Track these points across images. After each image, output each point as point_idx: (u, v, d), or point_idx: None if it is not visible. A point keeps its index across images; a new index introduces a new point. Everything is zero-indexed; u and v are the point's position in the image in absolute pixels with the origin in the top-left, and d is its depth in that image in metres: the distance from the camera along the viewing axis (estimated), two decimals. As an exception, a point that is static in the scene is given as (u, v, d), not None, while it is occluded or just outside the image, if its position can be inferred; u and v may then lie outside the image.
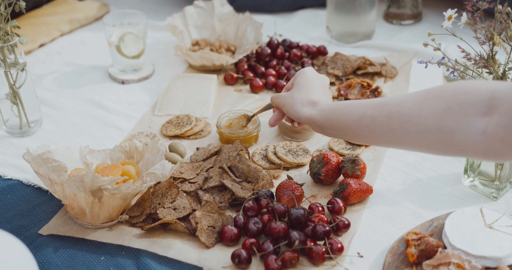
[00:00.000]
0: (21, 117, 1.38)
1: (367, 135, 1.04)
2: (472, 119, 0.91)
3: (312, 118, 1.12)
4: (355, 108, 1.06)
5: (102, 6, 1.89)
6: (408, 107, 0.98)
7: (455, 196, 1.22)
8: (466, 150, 0.94)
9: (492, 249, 1.04)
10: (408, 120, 0.98)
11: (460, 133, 0.93)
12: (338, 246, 1.09)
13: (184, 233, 1.14)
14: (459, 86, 0.95)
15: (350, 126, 1.06)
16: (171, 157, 1.28)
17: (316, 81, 1.19)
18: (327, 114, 1.10)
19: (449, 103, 0.94)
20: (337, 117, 1.08)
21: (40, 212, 1.20)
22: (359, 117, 1.04)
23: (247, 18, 1.67)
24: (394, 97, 1.03)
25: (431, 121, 0.95)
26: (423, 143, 0.98)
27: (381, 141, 1.03)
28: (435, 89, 0.97)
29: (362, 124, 1.04)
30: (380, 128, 1.01)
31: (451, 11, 1.18)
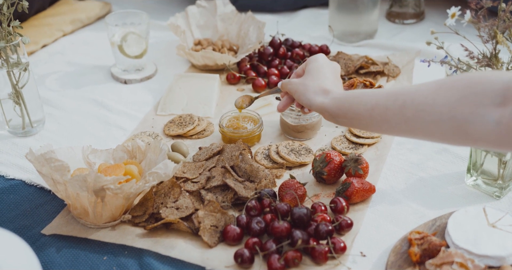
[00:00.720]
0: (24, 117, 1.38)
1: (380, 124, 1.04)
2: (486, 110, 0.91)
3: (324, 107, 1.12)
4: (368, 97, 1.05)
5: (104, 6, 1.89)
6: (422, 96, 0.98)
7: (458, 195, 1.22)
8: (479, 140, 0.93)
9: (495, 248, 1.04)
10: (422, 109, 0.97)
11: (474, 123, 0.92)
12: (340, 245, 1.09)
13: (187, 233, 1.14)
14: (474, 77, 0.94)
15: (363, 115, 1.05)
16: (174, 157, 1.28)
17: (327, 68, 1.19)
18: (339, 103, 1.10)
19: (463, 93, 0.93)
20: (349, 106, 1.08)
21: (43, 212, 1.21)
22: (372, 106, 1.04)
23: (250, 18, 1.67)
24: (407, 86, 1.02)
25: (446, 111, 0.95)
26: (436, 133, 0.97)
27: (394, 130, 1.03)
28: (450, 79, 0.96)
29: (375, 113, 1.03)
30: (394, 117, 1.01)
31: (454, 9, 1.18)
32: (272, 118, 1.44)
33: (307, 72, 1.20)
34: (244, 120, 1.37)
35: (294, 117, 1.35)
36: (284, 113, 1.36)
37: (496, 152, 1.17)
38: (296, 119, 1.35)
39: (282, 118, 1.37)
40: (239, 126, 1.36)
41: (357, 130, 1.36)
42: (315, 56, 1.22)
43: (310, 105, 1.15)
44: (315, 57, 1.22)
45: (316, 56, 1.22)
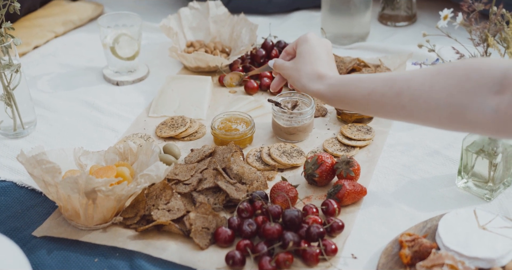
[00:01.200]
0: (15, 119, 1.38)
1: (377, 110, 1.04)
2: (484, 97, 0.91)
3: (321, 93, 1.11)
4: (364, 83, 1.05)
5: (97, 8, 1.89)
6: (419, 83, 0.98)
7: (449, 197, 1.22)
8: (477, 127, 0.94)
9: (486, 250, 1.05)
10: (418, 97, 0.97)
11: (471, 111, 0.93)
12: (332, 247, 1.09)
13: (178, 235, 1.14)
14: (472, 64, 0.95)
15: (359, 101, 1.05)
16: (166, 159, 1.28)
17: (319, 48, 1.17)
18: (335, 89, 1.10)
19: (461, 81, 0.93)
20: (346, 92, 1.08)
21: (34, 213, 1.20)
22: (368, 92, 1.04)
23: (242, 20, 1.67)
24: (404, 72, 1.02)
25: (443, 98, 0.95)
26: (433, 119, 0.98)
27: (392, 115, 1.03)
28: (447, 66, 0.96)
29: (371, 99, 1.03)
30: (390, 103, 1.01)
31: (447, 11, 1.19)
32: (264, 120, 1.44)
33: (298, 55, 1.18)
34: (236, 122, 1.38)
35: (286, 119, 1.35)
36: (276, 115, 1.36)
37: (487, 155, 1.17)
38: (288, 121, 1.35)
39: (274, 120, 1.38)
40: (231, 128, 1.36)
41: (348, 133, 1.37)
42: (305, 36, 1.20)
43: (306, 91, 1.14)
44: (305, 37, 1.19)
45: (306, 36, 1.20)
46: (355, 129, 1.38)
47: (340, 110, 1.42)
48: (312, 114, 1.36)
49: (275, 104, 1.36)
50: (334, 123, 1.43)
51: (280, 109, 1.36)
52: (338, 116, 1.43)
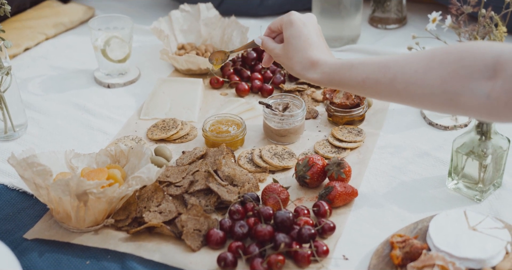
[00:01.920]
0: (6, 121, 1.38)
1: (373, 94, 1.05)
2: (477, 83, 0.93)
3: (316, 81, 1.11)
4: (358, 69, 1.05)
5: (88, 10, 1.89)
6: (413, 70, 0.99)
7: (439, 198, 1.23)
8: (470, 112, 0.96)
9: (476, 251, 1.05)
10: (413, 83, 0.98)
11: (465, 97, 0.94)
12: (323, 248, 1.09)
13: (170, 237, 1.14)
14: (465, 48, 0.96)
15: (355, 87, 1.06)
16: (157, 161, 1.28)
17: (306, 29, 1.13)
18: (330, 77, 1.09)
19: (454, 67, 0.95)
20: (340, 79, 1.08)
21: (25, 216, 1.20)
22: (362, 79, 1.04)
23: (233, 22, 1.67)
24: (397, 57, 1.02)
25: (437, 85, 0.96)
26: (428, 104, 0.99)
27: (387, 99, 1.05)
28: (441, 51, 0.97)
29: (366, 85, 1.04)
30: (385, 89, 1.02)
31: (435, 14, 1.19)
32: (255, 122, 1.44)
33: (287, 41, 1.14)
34: (227, 124, 1.38)
35: (277, 121, 1.36)
36: (267, 117, 1.37)
37: (477, 157, 1.18)
38: (279, 123, 1.36)
39: (265, 122, 1.38)
40: (222, 130, 1.36)
41: (339, 135, 1.37)
42: (289, 18, 1.14)
43: (301, 78, 1.13)
44: (290, 20, 1.13)
45: (290, 19, 1.13)
46: (346, 131, 1.39)
47: (331, 112, 1.42)
48: (303, 116, 1.37)
49: (266, 106, 1.36)
50: (325, 125, 1.44)
51: (271, 111, 1.36)
52: (329, 118, 1.44)
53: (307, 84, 1.55)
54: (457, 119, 1.41)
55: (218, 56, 1.31)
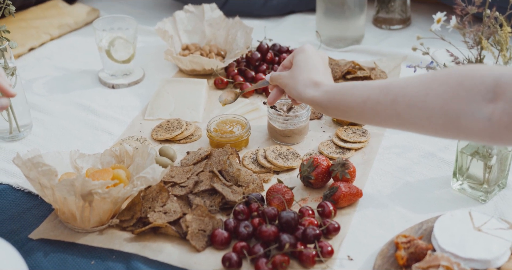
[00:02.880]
0: (11, 122, 1.38)
1: (372, 117, 1.04)
2: (478, 106, 0.92)
3: (316, 100, 1.12)
4: (359, 90, 1.06)
5: (92, 11, 1.89)
6: (414, 91, 0.98)
7: (444, 199, 1.23)
8: (472, 135, 0.94)
9: (481, 252, 1.05)
10: (413, 105, 0.98)
11: (466, 119, 0.93)
12: (328, 249, 1.09)
13: (175, 237, 1.15)
14: (466, 71, 0.95)
15: (354, 108, 1.06)
16: (162, 161, 1.29)
17: (316, 58, 1.19)
18: (331, 96, 1.10)
19: (455, 89, 0.94)
20: (341, 99, 1.08)
21: (30, 216, 1.20)
22: (363, 100, 1.04)
23: (237, 23, 1.67)
24: (398, 79, 1.02)
25: (437, 107, 0.95)
26: (428, 128, 0.98)
27: (386, 123, 1.04)
28: (441, 73, 0.97)
29: (366, 107, 1.04)
30: (385, 111, 1.01)
31: (440, 14, 1.19)
32: (259, 123, 1.44)
33: (295, 65, 1.19)
34: (232, 125, 1.38)
35: (281, 122, 1.36)
36: (272, 118, 1.37)
37: (482, 157, 1.18)
38: (284, 124, 1.36)
39: (270, 122, 1.38)
40: (227, 130, 1.37)
41: (344, 135, 1.37)
42: (302, 47, 1.22)
43: (301, 98, 1.15)
44: (302, 48, 1.21)
45: (303, 47, 1.21)
46: (350, 131, 1.39)
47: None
48: (307, 116, 1.37)
49: (271, 106, 1.36)
50: (329, 126, 1.44)
51: (276, 111, 1.36)
52: (334, 119, 1.44)
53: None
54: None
55: (228, 96, 1.34)
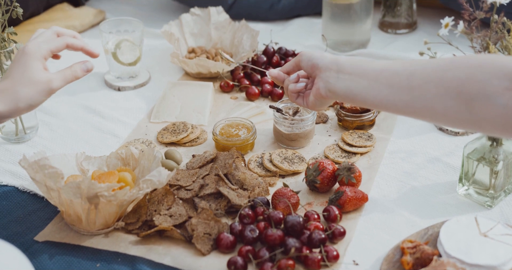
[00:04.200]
0: (17, 124, 1.38)
1: (382, 88, 1.02)
2: (495, 90, 0.91)
3: (338, 57, 1.10)
4: (380, 62, 1.06)
5: (99, 13, 1.89)
6: (432, 69, 0.98)
7: (450, 204, 1.23)
8: (483, 120, 0.93)
9: (487, 258, 1.05)
10: (429, 81, 0.97)
11: (480, 102, 0.92)
12: (333, 253, 1.09)
13: (180, 240, 1.15)
14: (487, 57, 0.95)
15: (369, 74, 1.04)
16: (167, 164, 1.29)
17: None
18: (351, 59, 1.09)
19: (473, 71, 0.94)
20: (361, 63, 1.07)
21: (36, 218, 1.20)
22: (381, 68, 1.03)
23: (243, 26, 1.67)
24: (420, 59, 1.02)
25: (453, 86, 0.95)
26: (439, 108, 0.97)
27: (394, 99, 1.01)
28: (463, 57, 0.97)
29: (382, 75, 1.03)
30: (399, 82, 1.00)
31: (448, 19, 1.19)
32: (265, 127, 1.44)
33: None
34: (238, 128, 1.38)
35: (287, 126, 1.36)
36: (278, 122, 1.37)
37: (488, 163, 1.18)
38: (290, 128, 1.36)
39: (276, 126, 1.38)
40: (233, 134, 1.37)
41: (350, 139, 1.37)
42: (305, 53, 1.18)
43: (322, 58, 1.12)
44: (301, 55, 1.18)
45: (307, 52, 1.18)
46: (356, 135, 1.38)
47: (341, 117, 1.42)
48: (313, 120, 1.37)
49: (277, 110, 1.36)
50: (335, 130, 1.43)
51: (282, 115, 1.36)
52: (339, 123, 1.44)
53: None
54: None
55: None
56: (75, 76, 1.18)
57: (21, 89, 1.11)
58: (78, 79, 1.19)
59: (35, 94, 1.12)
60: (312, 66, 1.14)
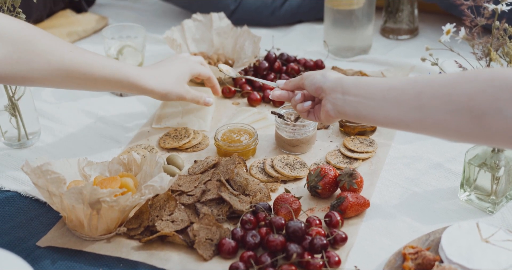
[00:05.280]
0: (20, 129, 1.39)
1: (391, 108, 1.02)
2: (506, 104, 0.91)
3: (341, 78, 1.11)
4: (386, 80, 1.06)
5: (101, 19, 1.90)
6: (440, 84, 0.97)
7: (451, 210, 1.23)
8: (496, 135, 0.93)
9: (489, 263, 1.05)
10: (438, 97, 0.96)
11: (492, 117, 0.92)
12: (335, 259, 1.09)
13: (182, 246, 1.15)
14: (496, 71, 0.95)
15: (376, 95, 1.04)
16: (169, 170, 1.29)
17: None
18: (356, 79, 1.09)
19: (483, 86, 0.93)
20: (366, 84, 1.07)
21: (38, 224, 1.21)
22: (388, 87, 1.03)
23: (245, 32, 1.68)
24: (426, 75, 1.02)
25: (464, 101, 0.94)
26: (450, 124, 0.96)
27: (405, 117, 1.01)
28: (471, 72, 0.97)
29: (389, 95, 1.02)
30: (408, 101, 0.99)
31: (449, 26, 1.20)
32: (267, 132, 1.44)
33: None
34: (239, 134, 1.38)
35: (289, 131, 1.36)
36: (279, 127, 1.37)
37: (489, 169, 1.18)
38: (291, 133, 1.36)
39: (277, 132, 1.38)
40: (234, 139, 1.37)
41: (351, 145, 1.37)
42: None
43: (325, 79, 1.14)
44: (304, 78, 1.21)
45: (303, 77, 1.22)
46: (357, 141, 1.39)
47: (343, 123, 1.42)
48: (315, 126, 1.37)
49: (278, 116, 1.37)
50: (336, 136, 1.44)
51: (283, 121, 1.36)
52: (341, 129, 1.44)
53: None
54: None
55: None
56: (203, 100, 1.41)
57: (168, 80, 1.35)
58: (199, 104, 1.42)
59: (173, 90, 1.35)
60: (317, 89, 1.16)
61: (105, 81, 1.26)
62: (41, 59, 1.17)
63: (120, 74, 1.26)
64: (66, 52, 1.20)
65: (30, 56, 1.16)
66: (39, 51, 1.17)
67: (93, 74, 1.23)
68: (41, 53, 1.17)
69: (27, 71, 1.17)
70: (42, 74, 1.18)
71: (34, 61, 1.17)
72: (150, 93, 1.33)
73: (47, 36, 1.20)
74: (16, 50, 1.15)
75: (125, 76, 1.27)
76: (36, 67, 1.17)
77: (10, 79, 1.17)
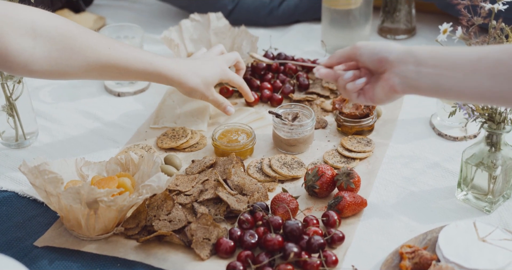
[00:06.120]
0: (17, 129, 1.39)
1: (483, 80, 0.90)
2: None
3: (411, 48, 0.98)
4: (471, 49, 0.92)
5: (99, 19, 1.90)
6: None
7: (448, 209, 1.23)
8: None
9: (486, 262, 1.05)
10: None
11: None
12: (332, 258, 1.10)
13: (180, 245, 1.15)
14: None
15: (463, 65, 0.91)
16: (167, 170, 1.29)
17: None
18: (431, 49, 0.96)
19: None
20: (446, 54, 0.94)
21: (36, 224, 1.21)
22: (477, 57, 0.90)
23: (243, 32, 1.68)
24: None
25: None
26: None
27: (500, 90, 0.89)
28: None
29: (480, 65, 0.89)
30: (506, 72, 0.87)
31: (446, 25, 1.20)
32: (264, 132, 1.45)
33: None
34: (237, 134, 1.38)
35: (286, 131, 1.36)
36: (277, 127, 1.37)
37: (486, 168, 1.18)
38: (289, 133, 1.36)
39: (275, 131, 1.38)
40: (232, 139, 1.37)
41: (349, 145, 1.37)
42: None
43: (390, 49, 0.99)
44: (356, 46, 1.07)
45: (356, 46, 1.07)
46: (355, 141, 1.39)
47: (340, 122, 1.42)
48: (312, 126, 1.37)
49: (276, 115, 1.37)
50: (334, 135, 1.44)
51: (281, 121, 1.36)
52: (338, 128, 1.44)
53: (317, 94, 1.56)
54: (466, 130, 1.41)
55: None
56: (224, 107, 1.42)
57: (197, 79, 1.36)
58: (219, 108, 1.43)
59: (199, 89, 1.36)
60: (380, 61, 1.01)
61: (138, 73, 1.29)
62: (79, 56, 1.19)
63: (152, 67, 1.29)
64: (103, 48, 1.22)
65: (68, 54, 1.17)
66: (77, 48, 1.18)
67: (127, 68, 1.26)
68: (79, 50, 1.19)
69: (65, 68, 1.18)
70: (80, 70, 1.21)
71: (72, 58, 1.18)
72: (178, 86, 1.35)
73: (83, 32, 1.22)
74: (55, 48, 1.16)
75: (156, 69, 1.30)
76: (75, 64, 1.19)
77: (48, 75, 1.18)
